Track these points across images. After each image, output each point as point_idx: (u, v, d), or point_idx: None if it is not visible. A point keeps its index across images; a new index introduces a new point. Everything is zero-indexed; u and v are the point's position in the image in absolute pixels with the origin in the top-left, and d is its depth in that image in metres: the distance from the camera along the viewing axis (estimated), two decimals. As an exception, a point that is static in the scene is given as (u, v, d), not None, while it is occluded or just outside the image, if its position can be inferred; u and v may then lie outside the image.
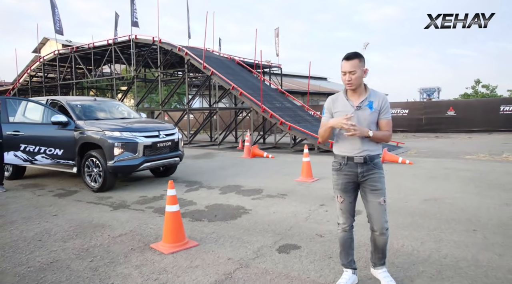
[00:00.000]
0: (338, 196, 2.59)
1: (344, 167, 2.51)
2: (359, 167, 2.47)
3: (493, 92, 33.22)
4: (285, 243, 3.66)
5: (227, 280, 2.87)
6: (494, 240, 3.53)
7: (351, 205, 2.58)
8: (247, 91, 12.80)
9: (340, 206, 2.61)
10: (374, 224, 2.49)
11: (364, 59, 2.45)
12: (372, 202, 2.47)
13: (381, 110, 2.48)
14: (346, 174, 2.51)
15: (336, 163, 2.57)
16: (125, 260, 3.34)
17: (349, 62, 2.41)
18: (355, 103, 2.47)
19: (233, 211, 4.88)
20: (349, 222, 2.61)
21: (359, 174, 2.48)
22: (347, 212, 2.59)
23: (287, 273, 2.97)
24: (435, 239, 3.62)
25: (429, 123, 20.17)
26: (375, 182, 2.46)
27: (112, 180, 6.31)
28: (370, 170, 2.46)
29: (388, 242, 2.55)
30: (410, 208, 4.75)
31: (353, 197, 2.58)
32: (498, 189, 5.67)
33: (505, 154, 9.32)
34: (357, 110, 2.45)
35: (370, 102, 2.46)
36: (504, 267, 2.94)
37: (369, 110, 2.45)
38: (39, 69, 20.11)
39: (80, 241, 3.87)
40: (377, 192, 2.45)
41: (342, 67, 2.44)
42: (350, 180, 2.52)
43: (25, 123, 6.60)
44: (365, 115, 2.44)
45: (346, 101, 2.50)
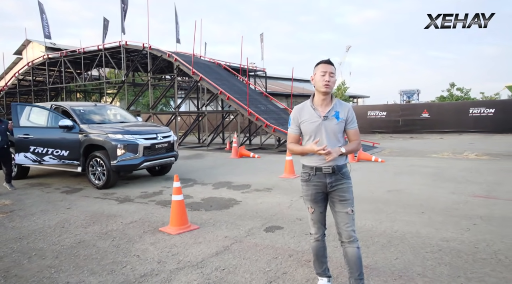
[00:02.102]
0: (308, 206, 2.60)
1: (313, 177, 2.52)
2: (328, 178, 2.48)
3: (467, 94, 35.02)
4: (271, 225, 4.47)
5: (226, 251, 3.67)
6: (436, 219, 4.45)
7: (321, 215, 2.60)
8: (234, 96, 13.60)
9: (311, 216, 2.62)
10: (342, 234, 2.48)
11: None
12: (340, 212, 2.48)
13: (347, 120, 2.51)
14: (315, 184, 2.52)
15: (305, 174, 2.57)
16: (141, 239, 4.08)
17: (329, 65, 2.46)
18: (322, 113, 2.48)
19: (226, 202, 5.66)
20: (320, 231, 2.63)
21: (328, 184, 2.49)
22: (318, 222, 2.61)
23: (272, 245, 3.79)
24: (391, 219, 4.51)
25: (405, 125, 21.42)
26: (344, 192, 2.48)
27: (115, 178, 7.00)
28: (338, 180, 2.48)
29: (361, 256, 2.48)
30: (375, 197, 5.66)
31: (324, 207, 2.59)
32: (451, 182, 6.66)
33: (465, 153, 10.42)
34: (324, 120, 2.47)
35: (337, 112, 2.49)
36: (438, 237, 3.84)
37: (335, 120, 2.47)
38: (27, 73, 20.35)
39: (98, 227, 4.58)
40: (345, 202, 2.47)
41: (323, 68, 2.46)
42: (319, 190, 2.52)
43: (34, 127, 7.21)
44: (332, 125, 2.47)
45: (313, 111, 2.50)
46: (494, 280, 2.87)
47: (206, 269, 3.23)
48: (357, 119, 2.60)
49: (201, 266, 3.31)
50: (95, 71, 21.53)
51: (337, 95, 34.80)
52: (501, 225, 4.16)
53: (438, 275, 2.97)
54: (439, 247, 3.58)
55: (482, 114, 19.60)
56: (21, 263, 3.47)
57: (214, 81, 14.16)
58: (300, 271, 3.13)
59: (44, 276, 3.18)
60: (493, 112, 19.28)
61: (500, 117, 18.89)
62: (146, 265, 3.36)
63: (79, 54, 17.56)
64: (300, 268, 3.18)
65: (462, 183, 6.56)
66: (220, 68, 17.79)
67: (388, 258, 3.36)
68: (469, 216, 4.53)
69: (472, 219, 4.41)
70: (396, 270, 3.10)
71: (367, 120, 22.36)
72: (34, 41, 29.57)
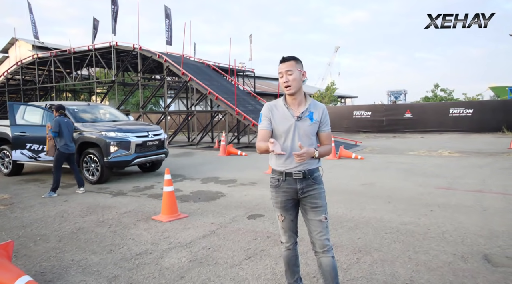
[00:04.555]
0: (278, 214, 2.43)
1: (283, 183, 2.33)
2: (298, 183, 2.30)
3: (450, 95, 36.14)
4: (253, 213, 4.96)
5: (212, 234, 4.14)
6: (400, 207, 5.00)
7: (292, 223, 2.43)
8: (223, 96, 14.06)
9: (281, 224, 2.45)
10: (316, 243, 2.32)
11: (301, 63, 2.34)
12: (313, 220, 2.31)
13: (321, 121, 2.37)
14: (285, 191, 2.34)
15: (274, 179, 2.38)
16: (135, 226, 4.52)
17: (285, 63, 2.29)
18: (296, 113, 2.32)
19: (213, 195, 6.13)
20: (292, 240, 2.47)
21: (299, 190, 2.31)
22: (289, 230, 2.45)
23: (253, 229, 4.27)
24: (360, 207, 5.05)
25: (389, 124, 22.17)
26: (316, 199, 2.31)
27: (108, 174, 7.40)
28: (310, 185, 2.31)
29: (336, 266, 2.34)
30: (349, 190, 6.20)
31: (294, 215, 2.43)
32: (420, 176, 7.26)
33: (440, 151, 11.10)
34: (297, 120, 2.30)
35: (311, 113, 2.33)
36: (398, 221, 4.39)
37: (309, 121, 2.32)
38: (16, 72, 20.43)
39: (95, 216, 5.00)
40: (318, 209, 2.31)
41: (279, 69, 2.32)
42: (289, 197, 2.35)
43: (30, 125, 7.56)
44: (305, 126, 2.30)
45: (286, 110, 2.33)
46: (436, 252, 3.42)
47: (194, 248, 3.70)
48: (343, 118, 2.62)
49: (190, 246, 3.78)
50: (85, 70, 21.72)
51: (326, 95, 35.49)
52: (454, 211, 4.74)
53: (391, 250, 3.51)
54: (397, 229, 4.12)
55: (462, 114, 20.46)
56: (28, 246, 3.89)
57: (203, 81, 14.60)
58: (276, 249, 3.63)
59: (50, 255, 3.61)
60: (471, 112, 20.17)
61: (478, 117, 19.79)
62: (141, 246, 3.81)
63: (69, 54, 17.77)
64: (276, 247, 3.68)
65: (430, 177, 7.17)
66: (209, 68, 18.23)
67: (352, 238, 3.88)
68: (428, 204, 5.10)
69: (430, 207, 4.98)
70: (357, 246, 3.63)
71: (352, 119, 23.03)
72: (21, 39, 29.49)
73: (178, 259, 3.45)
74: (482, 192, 5.83)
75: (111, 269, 3.26)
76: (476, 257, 3.28)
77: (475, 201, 5.24)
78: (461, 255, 3.34)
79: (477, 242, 3.66)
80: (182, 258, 3.46)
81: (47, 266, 3.35)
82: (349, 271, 3.08)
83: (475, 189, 6.02)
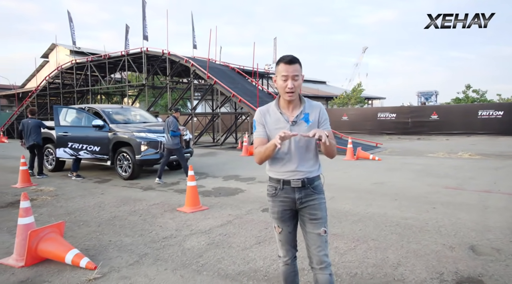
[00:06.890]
0: (275, 225, 2.27)
1: (280, 192, 2.18)
2: (297, 192, 2.15)
3: (483, 96, 34.87)
4: (267, 207, 5.39)
5: (228, 223, 4.67)
6: (404, 204, 5.33)
7: (290, 236, 2.26)
8: (245, 98, 14.64)
9: (278, 237, 2.28)
10: (313, 258, 2.15)
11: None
12: (311, 233, 2.15)
13: (319, 122, 2.18)
14: (282, 200, 2.18)
15: (271, 188, 2.23)
16: (162, 216, 5.14)
17: (292, 66, 2.05)
18: (290, 118, 2.15)
19: (232, 191, 6.68)
20: (290, 254, 2.29)
21: (297, 200, 2.15)
22: (287, 244, 2.27)
23: (265, 220, 4.77)
24: (367, 204, 5.42)
25: (414, 126, 21.99)
26: (315, 210, 2.15)
27: (139, 171, 8.14)
28: (309, 195, 2.15)
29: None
30: (360, 188, 6.56)
31: (293, 226, 2.26)
32: (432, 177, 7.48)
33: (460, 153, 11.12)
34: (292, 125, 2.13)
35: (306, 115, 2.16)
36: (400, 216, 4.74)
37: (305, 124, 2.14)
38: (56, 77, 21.99)
39: (128, 207, 5.67)
40: (317, 221, 2.14)
41: (283, 71, 2.06)
42: (287, 207, 2.19)
43: (71, 126, 8.43)
44: (302, 131, 2.10)
45: (280, 115, 2.16)
46: (427, 242, 3.77)
47: (212, 234, 4.25)
48: (367, 120, 2.54)
49: (209, 232, 4.33)
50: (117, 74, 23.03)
51: (352, 97, 35.21)
52: (455, 209, 5.02)
53: (387, 240, 3.89)
54: (397, 223, 4.48)
55: (491, 116, 20.01)
56: (73, 229, 4.58)
57: (227, 84, 15.25)
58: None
59: (92, 236, 4.27)
60: (501, 114, 19.68)
61: (508, 119, 19.30)
62: (166, 231, 4.41)
63: (104, 59, 18.99)
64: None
65: (441, 177, 7.38)
66: (233, 72, 18.90)
67: (354, 229, 4.29)
68: (432, 202, 5.40)
69: (433, 204, 5.28)
70: (356, 236, 4.04)
71: (376, 121, 22.99)
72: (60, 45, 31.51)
73: (198, 242, 4.00)
74: (489, 192, 6.03)
75: (141, 248, 3.86)
76: (463, 247, 3.62)
77: (479, 201, 5.48)
78: (450, 245, 3.69)
79: (468, 235, 3.98)
80: (201, 242, 4.01)
81: (89, 245, 4.00)
82: (345, 256, 3.52)
83: (483, 190, 6.22)
